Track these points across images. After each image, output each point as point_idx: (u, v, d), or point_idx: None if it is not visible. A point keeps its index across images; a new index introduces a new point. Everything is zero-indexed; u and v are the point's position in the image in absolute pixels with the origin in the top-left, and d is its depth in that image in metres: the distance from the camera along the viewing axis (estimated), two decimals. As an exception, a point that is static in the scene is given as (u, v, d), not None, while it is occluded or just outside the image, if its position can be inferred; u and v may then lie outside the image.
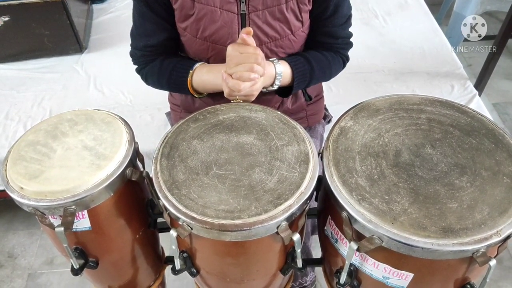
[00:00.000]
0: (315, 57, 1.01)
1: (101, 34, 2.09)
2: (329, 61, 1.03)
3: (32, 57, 1.93)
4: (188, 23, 0.95)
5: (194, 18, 0.94)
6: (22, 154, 0.77)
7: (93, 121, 0.83)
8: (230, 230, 0.66)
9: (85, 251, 0.83)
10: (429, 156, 0.73)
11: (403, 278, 0.70)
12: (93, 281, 0.99)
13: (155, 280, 1.06)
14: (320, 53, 1.03)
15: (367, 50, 1.91)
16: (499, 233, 0.63)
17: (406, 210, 0.65)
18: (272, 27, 0.96)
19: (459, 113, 0.82)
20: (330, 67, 1.05)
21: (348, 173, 0.71)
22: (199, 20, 0.94)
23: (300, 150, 0.77)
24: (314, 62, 1.00)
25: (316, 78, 1.03)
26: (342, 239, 0.74)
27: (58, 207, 0.71)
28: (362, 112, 0.82)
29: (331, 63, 1.04)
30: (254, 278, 0.83)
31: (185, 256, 0.80)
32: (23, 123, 1.64)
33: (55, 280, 1.61)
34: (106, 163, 0.75)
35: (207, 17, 0.93)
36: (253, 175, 0.73)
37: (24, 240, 1.75)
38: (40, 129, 0.82)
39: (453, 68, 1.80)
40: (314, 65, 1.00)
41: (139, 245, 0.91)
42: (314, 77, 1.02)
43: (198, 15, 0.93)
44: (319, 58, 1.02)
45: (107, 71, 1.84)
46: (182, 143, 0.79)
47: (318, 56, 1.02)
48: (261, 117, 0.84)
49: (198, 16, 0.93)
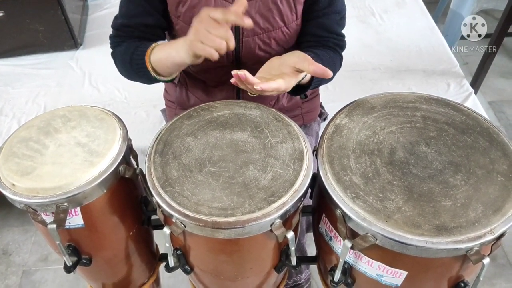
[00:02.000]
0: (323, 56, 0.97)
1: (96, 30, 2.08)
2: (333, 59, 1.01)
3: (27, 53, 1.92)
4: (182, 11, 0.94)
5: (187, 5, 0.93)
6: (14, 150, 0.76)
7: (87, 118, 0.82)
8: (223, 227, 0.66)
9: (78, 248, 0.82)
10: (424, 154, 0.73)
11: (397, 276, 0.70)
12: (86, 278, 0.98)
13: (149, 277, 1.06)
14: (325, 51, 1.00)
15: (363, 47, 1.90)
16: (493, 232, 0.63)
17: (400, 208, 0.65)
18: (265, 18, 0.95)
19: (454, 111, 0.81)
20: (335, 66, 1.01)
21: (342, 171, 0.71)
22: (192, 8, 0.93)
23: (295, 147, 0.76)
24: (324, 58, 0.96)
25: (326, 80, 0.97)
26: (336, 237, 0.74)
27: (51, 204, 0.71)
28: (357, 110, 0.82)
29: (334, 61, 1.01)
30: (248, 275, 0.83)
31: (178, 253, 0.80)
32: (17, 119, 1.63)
33: (50, 277, 1.61)
34: (99, 160, 0.74)
35: (201, 5, 0.92)
36: (247, 172, 0.72)
37: (18, 237, 1.74)
38: (32, 125, 0.81)
39: (450, 66, 1.80)
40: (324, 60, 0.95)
41: (133, 242, 0.91)
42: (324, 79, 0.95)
43: (192, 2, 0.92)
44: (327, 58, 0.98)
45: (102, 68, 1.83)
46: (176, 140, 0.78)
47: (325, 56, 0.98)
48: (255, 114, 0.83)
49: (191, 4, 0.92)
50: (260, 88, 0.73)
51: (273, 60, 0.85)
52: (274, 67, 0.83)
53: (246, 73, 0.74)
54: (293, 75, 0.79)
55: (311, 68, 0.75)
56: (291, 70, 0.79)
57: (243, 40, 0.97)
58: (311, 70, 0.75)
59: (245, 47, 0.98)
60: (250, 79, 0.74)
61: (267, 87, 0.74)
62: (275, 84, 0.75)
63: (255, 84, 0.74)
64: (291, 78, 0.79)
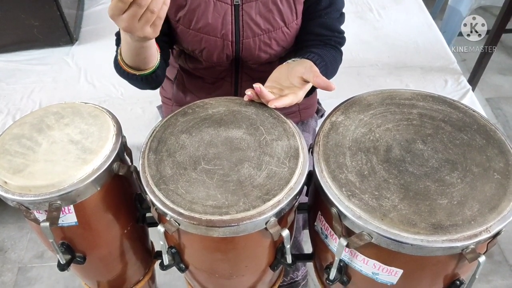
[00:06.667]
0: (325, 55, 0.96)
1: (92, 26, 2.06)
2: (334, 57, 1.00)
3: (22, 49, 1.90)
4: (181, 14, 0.93)
5: (187, 9, 0.92)
6: (7, 147, 0.75)
7: (80, 115, 0.81)
8: (218, 226, 0.65)
9: (72, 246, 0.81)
10: (420, 151, 0.73)
11: (393, 274, 0.70)
12: (81, 276, 0.98)
13: (145, 274, 1.06)
14: (327, 50, 1.00)
15: (361, 44, 1.89)
16: (489, 230, 0.62)
17: (396, 206, 0.65)
18: (266, 19, 0.94)
19: (451, 108, 0.81)
20: (336, 63, 1.02)
21: (338, 169, 0.70)
22: (192, 11, 0.92)
23: (290, 145, 0.76)
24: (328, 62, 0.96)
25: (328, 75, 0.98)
26: (332, 235, 0.74)
27: (43, 202, 0.70)
28: (353, 107, 0.81)
29: (336, 59, 1.01)
30: (243, 274, 0.82)
31: (173, 251, 0.79)
32: (12, 115, 1.62)
33: (46, 274, 1.60)
34: (92, 157, 0.73)
35: (200, 8, 0.92)
36: (242, 170, 0.72)
37: (14, 234, 1.73)
38: (25, 122, 0.80)
39: (447, 62, 1.79)
40: (328, 63, 0.96)
41: (128, 240, 0.90)
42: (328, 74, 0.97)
43: (191, 6, 0.92)
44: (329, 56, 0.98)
45: (98, 63, 1.81)
46: (170, 137, 0.78)
47: (327, 54, 0.97)
48: (251, 111, 0.82)
49: (191, 7, 0.92)
50: (274, 106, 0.78)
51: (281, 68, 0.88)
52: (283, 77, 0.86)
53: (262, 87, 0.79)
54: (302, 86, 0.83)
55: (316, 80, 0.79)
56: (299, 80, 0.83)
57: (243, 42, 0.96)
58: (315, 83, 0.79)
59: (245, 48, 0.97)
60: (264, 94, 0.79)
61: (280, 105, 0.79)
62: (288, 100, 0.80)
63: (270, 103, 0.79)
64: (299, 90, 0.82)
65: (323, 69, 0.91)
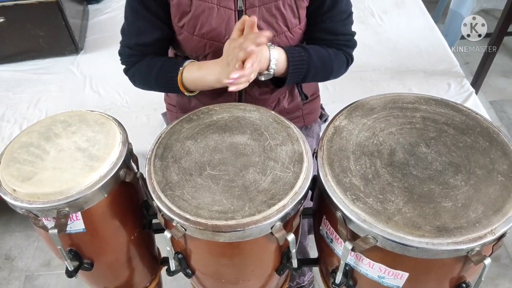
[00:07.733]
0: (314, 48, 0.98)
1: (96, 35, 2.08)
2: (329, 53, 1.00)
3: (28, 58, 1.92)
4: (185, 21, 0.94)
5: (191, 15, 0.93)
6: (15, 156, 0.77)
7: (87, 122, 0.83)
8: (224, 231, 0.66)
9: (80, 253, 0.82)
10: (424, 155, 0.73)
11: (399, 277, 0.70)
12: (88, 282, 0.99)
13: (151, 281, 1.06)
14: (321, 46, 1.01)
15: (363, 48, 1.90)
16: (494, 232, 0.62)
17: (401, 209, 0.65)
18: (269, 24, 0.95)
19: (454, 111, 0.81)
20: (331, 60, 1.01)
21: (342, 173, 0.71)
22: (196, 17, 0.93)
23: (294, 150, 0.76)
24: (312, 51, 0.97)
25: (315, 68, 0.98)
26: (337, 239, 0.74)
27: (51, 209, 0.71)
28: (357, 111, 0.82)
29: (331, 56, 1.01)
30: (250, 278, 0.83)
31: (180, 257, 0.80)
32: (19, 124, 1.64)
33: (52, 282, 1.61)
34: (99, 165, 0.74)
35: (205, 14, 0.93)
36: (247, 175, 0.72)
37: (21, 242, 1.74)
38: (33, 130, 0.81)
39: (450, 66, 1.79)
40: (312, 53, 0.96)
41: (134, 246, 0.91)
42: (312, 66, 0.97)
43: (196, 12, 0.93)
44: (318, 49, 0.99)
45: (103, 72, 1.83)
46: (176, 143, 0.78)
47: (317, 48, 0.99)
48: (255, 117, 0.83)
49: (195, 13, 0.93)
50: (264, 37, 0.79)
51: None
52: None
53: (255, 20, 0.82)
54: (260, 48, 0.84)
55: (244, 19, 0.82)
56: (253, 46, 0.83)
57: None
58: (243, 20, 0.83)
59: None
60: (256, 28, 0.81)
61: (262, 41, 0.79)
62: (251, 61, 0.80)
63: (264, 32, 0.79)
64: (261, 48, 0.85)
65: (305, 58, 0.95)
